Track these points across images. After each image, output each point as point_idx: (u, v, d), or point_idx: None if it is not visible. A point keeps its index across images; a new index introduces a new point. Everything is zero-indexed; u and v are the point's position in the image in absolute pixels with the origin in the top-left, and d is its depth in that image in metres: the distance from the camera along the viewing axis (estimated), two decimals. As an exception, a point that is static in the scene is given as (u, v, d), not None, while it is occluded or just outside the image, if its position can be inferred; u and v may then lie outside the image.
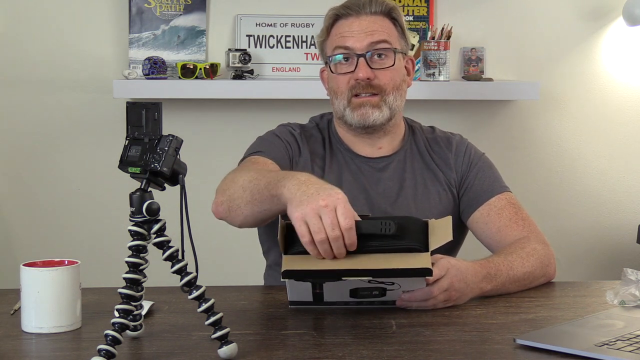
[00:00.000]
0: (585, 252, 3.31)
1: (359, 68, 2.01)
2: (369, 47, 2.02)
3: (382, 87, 2.03)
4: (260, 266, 2.26)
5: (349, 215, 1.58)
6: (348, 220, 1.57)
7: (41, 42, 3.07)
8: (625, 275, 1.73)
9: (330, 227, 1.56)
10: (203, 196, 3.05)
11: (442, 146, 2.14)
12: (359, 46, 2.02)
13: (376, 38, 2.03)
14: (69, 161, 3.12)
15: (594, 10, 3.22)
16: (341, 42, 2.04)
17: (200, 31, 3.11)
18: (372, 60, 2.03)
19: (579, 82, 3.25)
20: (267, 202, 1.74)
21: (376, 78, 2.02)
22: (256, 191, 1.77)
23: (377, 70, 2.02)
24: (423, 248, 1.62)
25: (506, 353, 1.45)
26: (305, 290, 1.66)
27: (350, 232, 1.58)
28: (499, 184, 2.10)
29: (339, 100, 2.06)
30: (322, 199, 1.58)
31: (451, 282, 1.69)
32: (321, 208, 1.57)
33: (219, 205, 1.89)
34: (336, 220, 1.57)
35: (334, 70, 2.06)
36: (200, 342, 1.50)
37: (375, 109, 2.03)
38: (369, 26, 2.04)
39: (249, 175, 1.83)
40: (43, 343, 1.52)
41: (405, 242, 1.62)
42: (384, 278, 1.61)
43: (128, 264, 1.40)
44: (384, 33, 2.04)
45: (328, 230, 1.56)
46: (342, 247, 1.58)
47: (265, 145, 2.06)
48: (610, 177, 3.30)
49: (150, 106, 1.40)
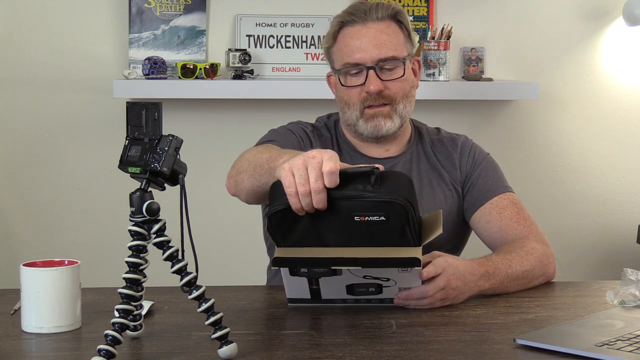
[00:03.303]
0: (585, 252, 3.31)
1: (369, 81, 2.01)
2: (378, 61, 2.02)
3: (393, 96, 2.04)
4: (260, 266, 2.26)
5: (335, 159, 1.55)
6: (332, 163, 1.54)
7: (41, 42, 3.07)
8: (625, 275, 1.73)
9: (314, 176, 1.54)
10: (203, 196, 3.06)
11: (448, 146, 2.15)
12: (368, 58, 2.02)
13: (384, 54, 2.02)
14: (69, 161, 3.12)
15: (594, 10, 3.22)
16: (349, 57, 2.03)
17: (200, 31, 3.11)
18: (381, 71, 2.03)
19: (579, 82, 3.25)
20: (266, 175, 1.72)
21: (387, 89, 2.03)
22: (258, 164, 1.76)
23: (388, 82, 2.03)
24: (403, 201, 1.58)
25: (506, 353, 1.45)
26: (302, 286, 1.66)
27: (332, 176, 1.54)
28: (502, 184, 2.10)
29: (350, 110, 2.06)
30: (313, 152, 1.57)
31: (448, 280, 1.69)
32: (309, 159, 1.55)
33: (229, 179, 1.90)
34: (320, 172, 1.54)
35: (344, 83, 2.06)
36: (200, 342, 1.50)
37: (387, 120, 2.03)
38: (377, 36, 2.03)
39: (257, 150, 1.84)
40: (43, 343, 1.52)
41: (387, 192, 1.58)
42: (373, 268, 1.61)
43: (128, 264, 1.40)
44: (391, 45, 2.03)
45: (312, 179, 1.53)
46: (322, 202, 1.55)
47: (278, 136, 2.07)
48: (610, 177, 3.30)
49: (150, 106, 1.40)
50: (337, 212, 1.58)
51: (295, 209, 1.57)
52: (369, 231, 1.60)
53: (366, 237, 1.60)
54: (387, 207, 1.57)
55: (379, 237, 1.61)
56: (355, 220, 1.58)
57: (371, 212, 1.58)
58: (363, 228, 1.59)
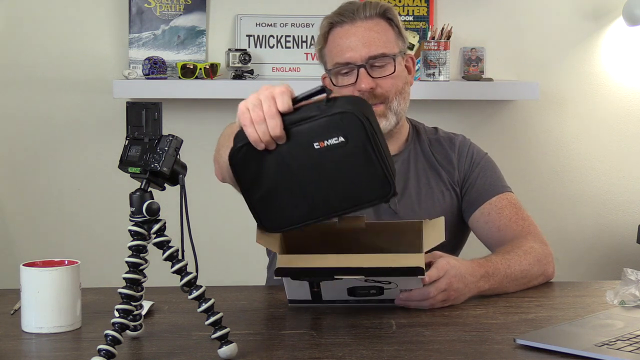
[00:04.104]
0: (585, 252, 3.31)
1: (360, 79, 2.01)
2: (368, 59, 2.02)
3: (385, 94, 2.03)
4: (260, 266, 2.26)
5: (286, 86, 1.56)
6: (283, 88, 1.55)
7: (41, 42, 3.07)
8: (625, 275, 1.73)
9: (267, 103, 1.54)
10: (203, 196, 3.06)
11: (445, 146, 2.15)
12: (358, 57, 2.01)
13: (373, 51, 2.01)
14: (69, 161, 3.12)
15: (594, 10, 3.22)
16: (340, 56, 2.03)
17: (200, 31, 3.11)
18: (372, 69, 2.02)
19: (579, 82, 3.25)
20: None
21: (378, 87, 2.02)
22: (231, 132, 1.72)
23: (379, 79, 2.02)
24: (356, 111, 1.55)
25: (506, 353, 1.45)
26: (303, 289, 1.66)
27: (283, 96, 1.55)
28: (501, 184, 2.10)
29: None
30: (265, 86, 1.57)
31: (450, 282, 1.69)
32: (262, 91, 1.57)
33: (214, 164, 1.87)
34: (273, 98, 1.55)
35: (336, 83, 2.05)
36: (200, 342, 1.50)
37: (382, 119, 2.02)
38: (365, 34, 2.02)
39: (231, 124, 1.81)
40: (43, 343, 1.52)
41: (340, 106, 1.56)
42: (378, 277, 1.61)
43: (128, 264, 1.40)
44: (381, 42, 2.02)
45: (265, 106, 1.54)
46: (278, 127, 1.54)
47: None
48: (610, 177, 3.30)
49: (150, 106, 1.40)
50: (298, 144, 1.56)
51: (253, 141, 1.55)
52: (333, 162, 1.56)
53: (333, 170, 1.57)
54: (341, 122, 1.55)
55: (346, 168, 1.57)
56: (316, 149, 1.55)
57: (328, 133, 1.55)
58: (326, 158, 1.56)
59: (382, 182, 1.59)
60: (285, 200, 1.60)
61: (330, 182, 1.58)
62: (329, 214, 1.62)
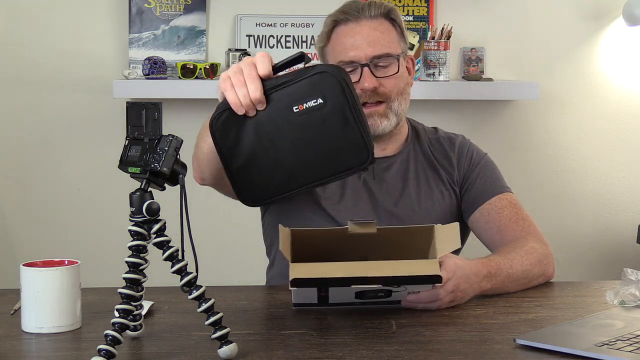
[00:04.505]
0: (585, 252, 3.31)
1: (363, 78, 2.01)
2: (372, 58, 2.02)
3: (387, 94, 2.03)
4: (260, 266, 2.26)
5: (266, 53, 1.62)
6: (264, 53, 1.61)
7: (41, 42, 3.08)
8: (625, 275, 1.73)
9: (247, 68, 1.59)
10: (203, 196, 3.06)
11: (445, 146, 2.15)
12: (362, 55, 2.01)
13: (378, 51, 2.01)
14: (69, 161, 3.12)
15: (593, 10, 3.23)
16: (343, 55, 2.03)
17: (200, 31, 3.11)
18: (376, 68, 2.02)
19: (579, 82, 3.25)
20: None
21: (381, 86, 2.02)
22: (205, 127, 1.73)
23: (382, 79, 2.02)
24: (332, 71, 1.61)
25: (506, 353, 1.45)
26: (311, 294, 1.65)
27: (263, 60, 1.60)
28: (500, 184, 2.10)
29: None
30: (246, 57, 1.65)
31: (457, 283, 1.69)
32: (242, 60, 1.62)
33: (192, 161, 1.87)
34: (253, 63, 1.60)
35: None
36: (200, 342, 1.50)
37: (383, 119, 2.03)
38: (370, 34, 2.03)
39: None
40: (43, 343, 1.52)
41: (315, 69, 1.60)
42: (394, 286, 1.61)
43: (128, 264, 1.40)
44: (385, 42, 2.03)
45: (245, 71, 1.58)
46: (258, 90, 1.58)
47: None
48: (610, 177, 3.30)
49: (150, 106, 1.40)
50: (277, 109, 1.59)
51: (234, 104, 1.59)
52: (311, 125, 1.58)
53: (311, 136, 1.59)
54: (320, 82, 1.58)
55: (324, 132, 1.59)
56: (295, 112, 1.58)
57: (307, 94, 1.58)
58: (305, 122, 1.58)
59: (360, 147, 1.61)
60: (263, 169, 1.62)
61: (308, 148, 1.61)
62: (307, 184, 1.64)
